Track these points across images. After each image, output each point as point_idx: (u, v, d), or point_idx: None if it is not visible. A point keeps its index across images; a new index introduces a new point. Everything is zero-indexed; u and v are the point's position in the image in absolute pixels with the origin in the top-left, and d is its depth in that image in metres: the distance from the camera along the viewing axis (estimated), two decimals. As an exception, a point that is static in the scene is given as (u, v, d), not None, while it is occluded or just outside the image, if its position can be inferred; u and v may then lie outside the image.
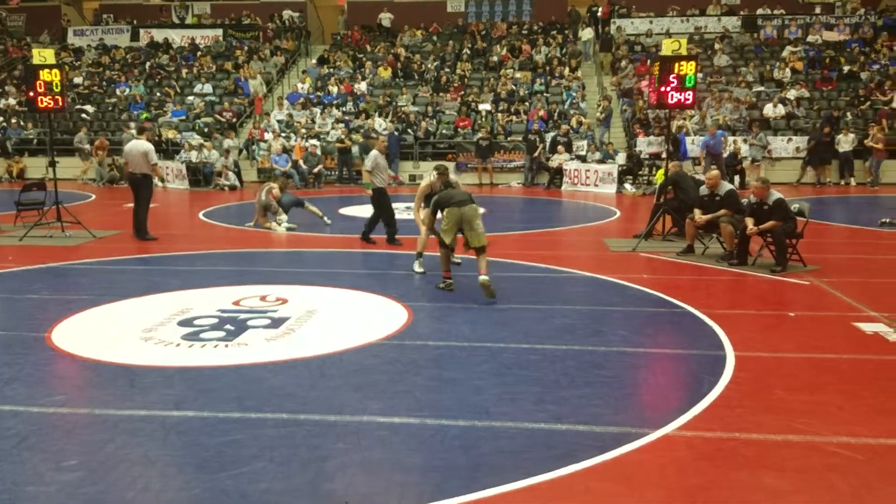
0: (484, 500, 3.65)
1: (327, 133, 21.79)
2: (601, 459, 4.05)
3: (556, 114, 22.19)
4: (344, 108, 23.48)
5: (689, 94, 10.57)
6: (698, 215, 9.76)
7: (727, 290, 8.39)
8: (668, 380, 5.62)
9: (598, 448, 4.17)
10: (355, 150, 20.75)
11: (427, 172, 21.14)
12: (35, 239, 11.30)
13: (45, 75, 11.64)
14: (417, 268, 8.87)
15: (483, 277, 7.47)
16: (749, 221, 9.02)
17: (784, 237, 8.92)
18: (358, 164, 20.95)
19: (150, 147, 11.56)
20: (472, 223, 7.71)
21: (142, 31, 29.49)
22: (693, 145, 19.84)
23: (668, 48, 10.81)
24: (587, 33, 26.64)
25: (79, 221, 11.82)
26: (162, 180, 16.69)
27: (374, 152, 11.02)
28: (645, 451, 4.17)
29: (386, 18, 29.30)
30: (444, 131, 22.07)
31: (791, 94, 22.01)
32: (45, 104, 11.75)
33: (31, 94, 11.78)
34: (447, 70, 25.32)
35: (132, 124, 21.10)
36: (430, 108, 22.88)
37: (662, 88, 10.53)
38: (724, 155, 18.40)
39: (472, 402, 4.88)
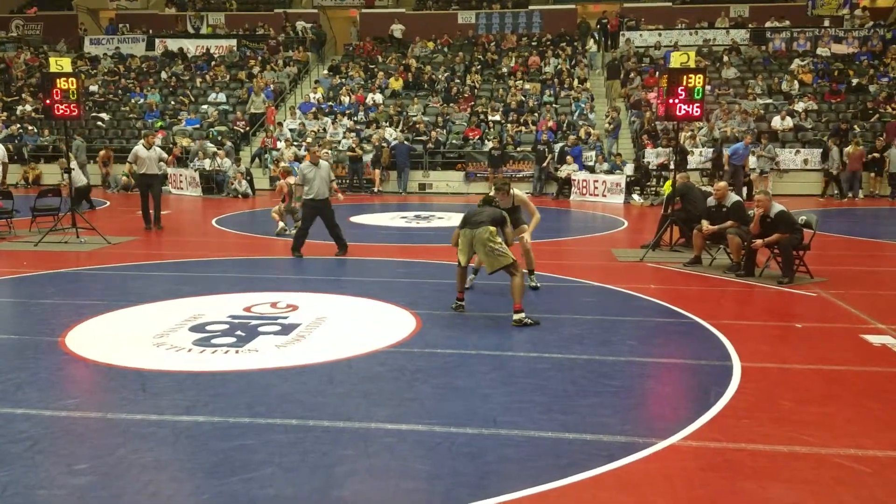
0: (491, 507, 3.68)
1: (338, 142, 21.94)
2: (608, 468, 4.07)
3: (564, 124, 22.25)
4: (356, 118, 23.63)
5: (697, 107, 10.60)
6: (706, 226, 9.78)
7: (734, 300, 8.40)
8: (675, 390, 5.64)
9: (605, 457, 4.20)
10: (367, 158, 20.95)
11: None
12: (50, 244, 11.42)
13: (61, 83, 11.80)
14: (531, 282, 8.53)
15: (515, 317, 6.98)
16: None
17: (791, 249, 8.93)
18: (368, 172, 21.15)
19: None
20: (484, 247, 7.12)
21: (157, 40, 29.79)
22: (701, 157, 19.90)
23: (676, 60, 10.85)
24: (591, 45, 26.80)
25: (93, 227, 11.94)
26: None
27: (304, 164, 10.92)
28: (652, 461, 4.19)
29: (398, 30, 29.48)
30: (454, 141, 22.17)
31: (799, 106, 22.00)
32: (61, 112, 11.91)
33: (48, 101, 11.94)
34: (457, 81, 25.44)
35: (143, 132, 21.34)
36: (440, 119, 23.00)
37: (671, 100, 10.57)
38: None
39: (479, 410, 4.92)
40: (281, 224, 12.87)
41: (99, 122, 24.58)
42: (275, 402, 5.07)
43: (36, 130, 24.29)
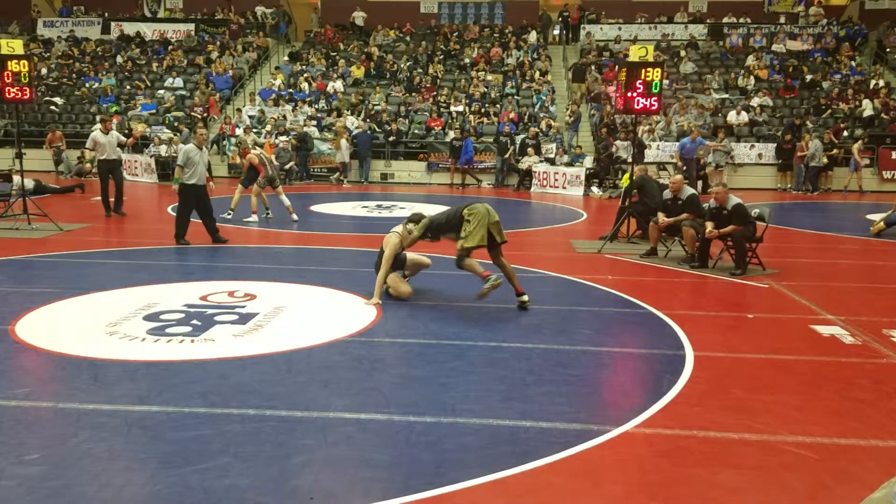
0: (448, 495, 3.70)
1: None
2: (564, 455, 4.13)
3: (526, 116, 22.35)
4: (316, 106, 23.41)
5: (654, 101, 10.74)
6: (662, 218, 9.93)
7: (688, 291, 8.56)
8: (629, 378, 5.73)
9: (561, 444, 4.25)
10: (325, 147, 20.85)
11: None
12: (0, 231, 11.13)
13: (12, 66, 11.49)
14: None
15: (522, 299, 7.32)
16: (709, 225, 9.21)
17: (744, 241, 9.12)
18: (326, 160, 21.02)
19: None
20: (498, 224, 7.28)
21: (112, 23, 29.10)
22: (659, 150, 20.15)
23: (635, 54, 10.97)
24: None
25: (45, 214, 11.66)
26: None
27: (188, 146, 10.73)
28: (606, 448, 4.26)
29: (359, 17, 29.26)
30: (416, 131, 22.12)
31: (755, 101, 22.42)
32: (12, 95, 11.59)
33: (-1, 84, 11.61)
34: (420, 70, 25.36)
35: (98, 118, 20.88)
36: (402, 108, 22.91)
37: (629, 94, 10.69)
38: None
39: (438, 399, 4.94)
40: (254, 216, 12.73)
41: (52, 107, 23.94)
42: (231, 391, 5.02)
43: (-14, 114, 23.61)
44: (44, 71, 25.39)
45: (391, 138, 21.49)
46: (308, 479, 3.85)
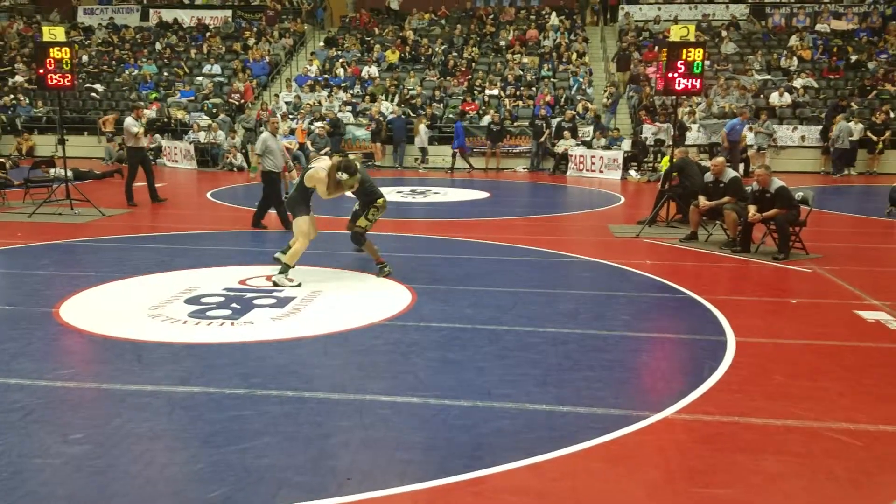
0: (485, 477, 3.70)
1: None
2: (602, 441, 4.10)
3: (562, 99, 22.12)
4: (351, 91, 23.45)
5: (696, 81, 10.54)
6: (703, 202, 9.77)
7: (729, 276, 8.42)
8: (669, 364, 5.66)
9: (599, 430, 4.22)
10: (361, 133, 20.92)
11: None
12: (44, 216, 11.37)
13: (54, 53, 11.64)
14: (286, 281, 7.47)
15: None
16: (752, 209, 9.03)
17: (787, 225, 8.93)
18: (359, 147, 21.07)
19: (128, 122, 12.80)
20: None
21: (151, 10, 29.45)
22: (699, 132, 19.83)
23: (676, 34, 10.77)
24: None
25: (87, 199, 11.88)
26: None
27: (264, 134, 10.78)
28: (645, 434, 4.21)
29: (394, 1, 29.17)
30: (450, 115, 22.04)
31: (798, 82, 21.90)
32: (54, 82, 11.77)
33: (41, 71, 11.79)
34: (455, 54, 25.23)
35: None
36: (437, 93, 22.84)
37: (670, 75, 10.50)
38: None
39: (474, 383, 4.93)
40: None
41: (93, 94, 24.37)
42: (270, 373, 5.08)
43: (28, 101, 24.08)
44: (84, 58, 25.81)
45: (413, 123, 21.43)
46: (346, 459, 3.88)
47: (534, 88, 22.91)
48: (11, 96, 24.17)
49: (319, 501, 3.47)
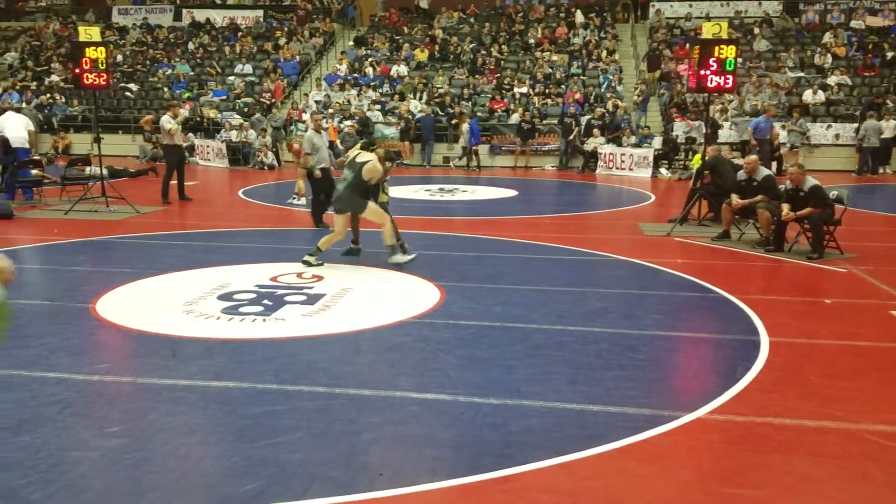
0: (516, 476, 3.70)
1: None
2: (633, 440, 4.08)
3: (592, 97, 22.00)
4: (381, 90, 23.54)
5: (728, 78, 10.41)
6: (735, 200, 9.65)
7: (762, 275, 8.31)
8: (701, 364, 5.61)
9: (630, 429, 4.20)
10: (390, 131, 20.98)
11: (359, 155, 21.16)
12: (80, 213, 11.58)
13: (90, 52, 11.82)
14: (402, 258, 8.33)
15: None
16: (785, 207, 8.91)
17: (821, 224, 8.80)
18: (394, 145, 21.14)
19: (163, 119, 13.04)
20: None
21: (184, 10, 29.83)
22: (731, 130, 19.58)
23: (708, 31, 10.64)
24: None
25: (122, 197, 12.08)
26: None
27: (309, 132, 10.75)
28: (677, 434, 4.18)
29: (423, 0, 29.22)
30: (479, 114, 22.02)
31: (832, 80, 21.53)
32: (90, 81, 11.96)
33: (77, 71, 11.99)
34: (483, 52, 25.21)
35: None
36: (465, 91, 22.84)
37: (702, 72, 10.38)
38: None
39: (503, 381, 4.94)
40: (301, 199, 12.89)
41: (127, 93, 24.77)
42: (302, 369, 5.13)
43: (65, 100, 24.53)
44: (119, 58, 26.23)
45: (454, 121, 21.44)
46: (377, 455, 3.90)
47: (563, 86, 22.81)
48: (48, 95, 24.65)
49: (351, 496, 3.50)
